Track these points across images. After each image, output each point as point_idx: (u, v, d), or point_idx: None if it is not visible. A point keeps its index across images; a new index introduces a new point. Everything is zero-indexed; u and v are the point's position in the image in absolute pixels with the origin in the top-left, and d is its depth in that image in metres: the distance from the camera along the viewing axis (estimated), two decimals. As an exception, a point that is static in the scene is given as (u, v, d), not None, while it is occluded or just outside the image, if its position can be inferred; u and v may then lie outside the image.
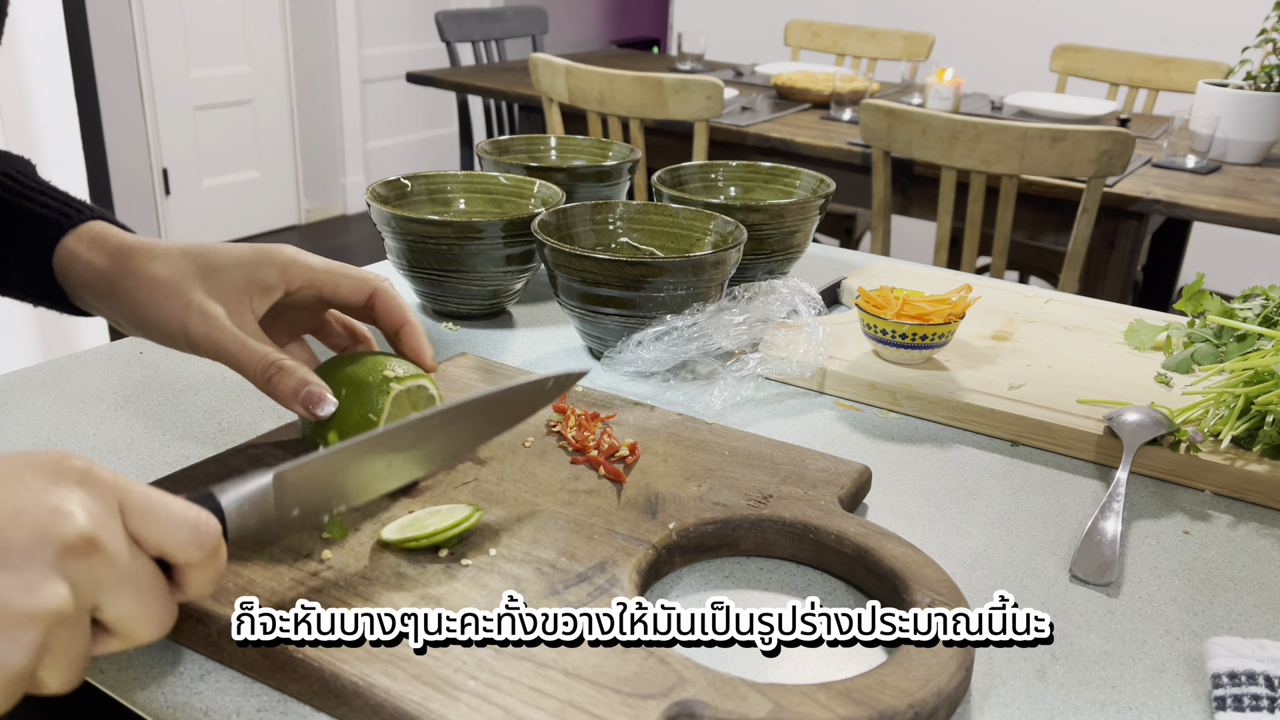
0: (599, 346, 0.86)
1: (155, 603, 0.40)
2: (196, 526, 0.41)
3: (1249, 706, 0.48)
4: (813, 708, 0.44)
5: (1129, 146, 1.72)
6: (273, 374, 0.57)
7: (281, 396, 0.57)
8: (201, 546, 0.41)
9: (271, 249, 0.61)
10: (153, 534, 0.40)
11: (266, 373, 0.57)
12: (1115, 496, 0.65)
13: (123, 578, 0.39)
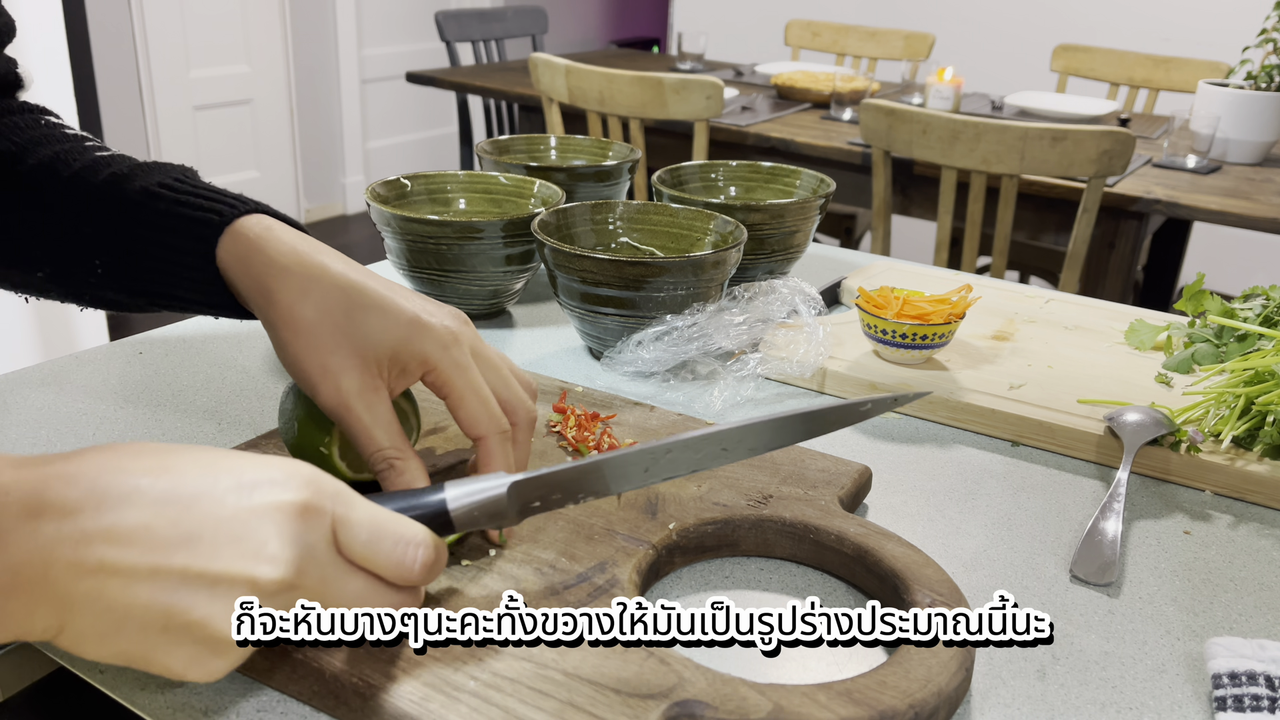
0: (599, 346, 0.86)
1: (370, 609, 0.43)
2: (402, 563, 0.43)
3: (1249, 707, 0.48)
4: (813, 708, 0.44)
5: (1129, 146, 1.72)
6: (383, 469, 0.54)
7: (388, 484, 0.55)
8: (408, 578, 0.44)
9: (427, 326, 0.55)
10: (365, 562, 0.43)
11: (377, 465, 0.54)
12: (1116, 497, 0.65)
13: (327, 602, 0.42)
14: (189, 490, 0.40)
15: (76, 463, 0.40)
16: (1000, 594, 0.46)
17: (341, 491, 0.43)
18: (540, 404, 0.73)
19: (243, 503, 0.40)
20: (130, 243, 0.61)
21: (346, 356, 0.54)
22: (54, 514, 0.38)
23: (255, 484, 0.41)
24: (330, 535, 0.42)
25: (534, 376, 0.77)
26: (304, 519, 0.41)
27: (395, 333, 0.55)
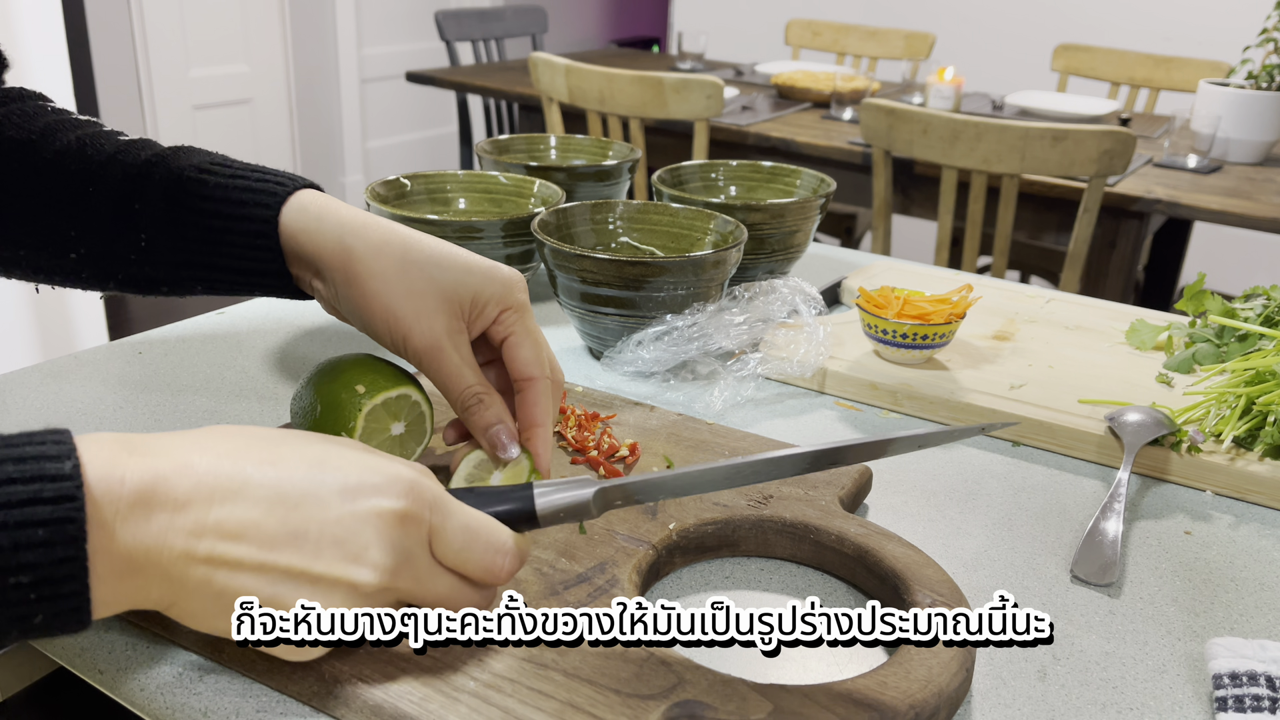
0: (599, 346, 0.85)
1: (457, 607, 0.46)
2: (491, 568, 0.46)
3: (1250, 707, 0.48)
4: (813, 708, 0.44)
5: (1130, 146, 1.72)
6: (472, 404, 0.57)
7: (474, 427, 0.58)
8: (495, 581, 0.47)
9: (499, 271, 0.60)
10: (457, 567, 0.46)
11: (466, 401, 0.57)
12: (1116, 497, 0.65)
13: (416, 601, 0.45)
14: (297, 489, 0.42)
15: (190, 450, 0.42)
16: (1000, 594, 0.46)
17: (439, 499, 0.45)
18: (540, 404, 0.73)
19: (347, 507, 0.43)
20: (185, 214, 0.62)
21: (435, 300, 0.57)
22: (168, 506, 0.40)
23: (360, 488, 0.43)
24: (426, 541, 0.44)
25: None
26: (403, 526, 0.43)
27: (475, 278, 0.58)
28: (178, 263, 0.64)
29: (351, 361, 0.61)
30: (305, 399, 0.60)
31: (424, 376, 0.61)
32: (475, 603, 0.46)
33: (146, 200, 0.63)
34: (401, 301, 0.57)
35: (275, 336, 0.89)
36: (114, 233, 0.63)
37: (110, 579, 0.39)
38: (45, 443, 0.38)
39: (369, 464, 0.44)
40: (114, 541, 0.39)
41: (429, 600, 0.45)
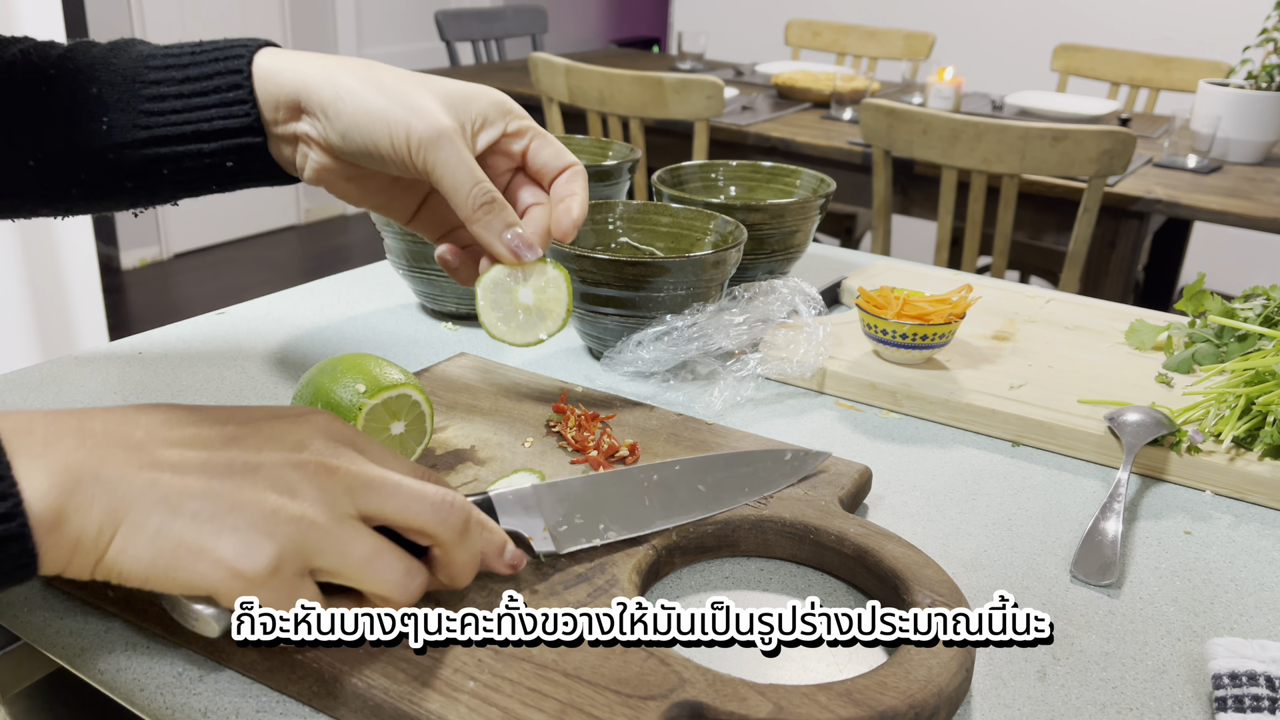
0: (599, 346, 0.86)
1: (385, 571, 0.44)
2: (439, 502, 0.45)
3: (1250, 707, 0.48)
4: (813, 708, 0.44)
5: (1130, 146, 1.72)
6: (484, 203, 0.55)
7: (487, 233, 0.56)
8: (447, 521, 0.46)
9: (492, 89, 0.59)
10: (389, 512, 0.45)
11: (478, 200, 0.55)
12: (1116, 497, 0.65)
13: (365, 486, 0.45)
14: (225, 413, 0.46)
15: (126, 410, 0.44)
16: (1000, 594, 0.46)
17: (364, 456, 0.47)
18: (540, 404, 0.73)
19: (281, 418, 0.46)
20: (151, 86, 0.59)
21: (437, 101, 0.56)
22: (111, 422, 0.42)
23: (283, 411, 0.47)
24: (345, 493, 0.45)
25: (532, 376, 0.78)
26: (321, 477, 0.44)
27: (471, 92, 0.57)
28: (142, 141, 0.59)
29: (351, 361, 0.61)
30: (304, 399, 0.60)
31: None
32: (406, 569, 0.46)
33: (102, 84, 0.59)
34: (402, 99, 0.55)
35: (275, 336, 0.89)
36: (73, 123, 0.59)
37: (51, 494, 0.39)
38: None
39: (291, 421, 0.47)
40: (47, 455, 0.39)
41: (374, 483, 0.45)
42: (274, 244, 4.08)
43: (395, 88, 0.56)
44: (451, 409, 0.71)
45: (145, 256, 3.73)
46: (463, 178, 0.55)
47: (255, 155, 0.59)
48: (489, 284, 0.59)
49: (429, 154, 0.54)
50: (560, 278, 0.59)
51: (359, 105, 0.55)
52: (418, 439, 0.61)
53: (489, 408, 0.72)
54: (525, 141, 0.59)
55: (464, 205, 0.55)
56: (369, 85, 0.56)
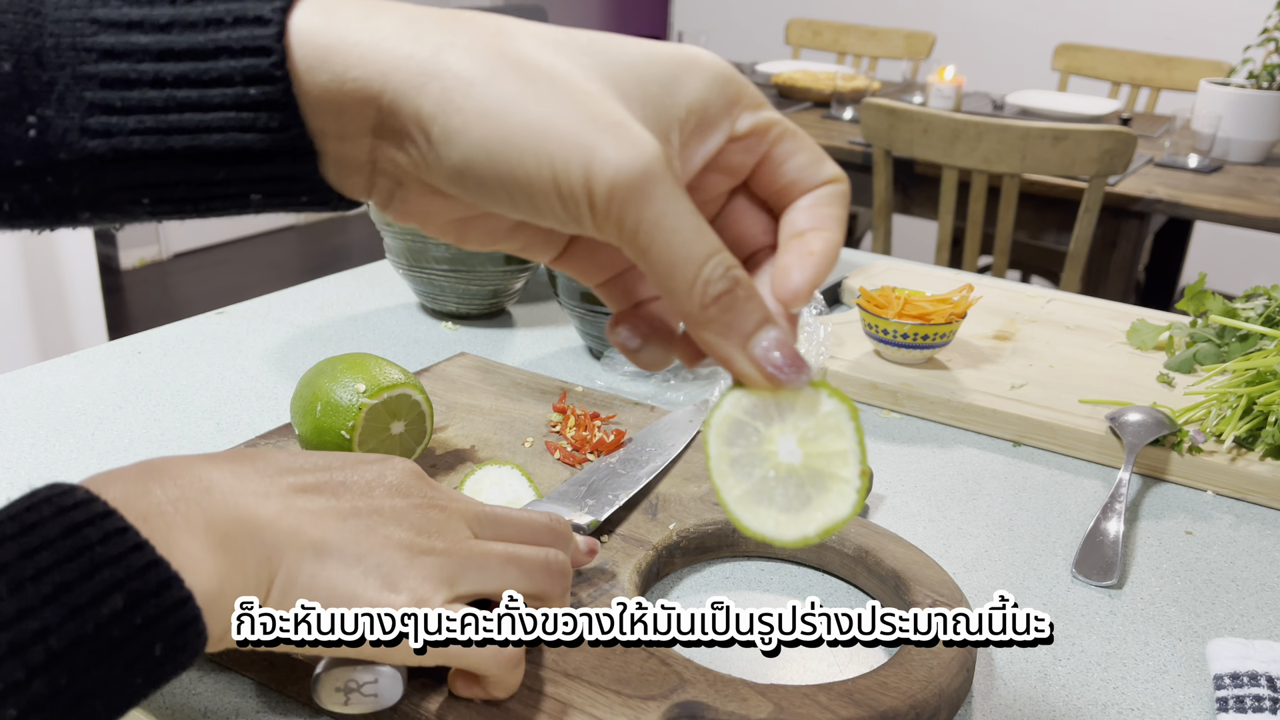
0: (599, 346, 0.85)
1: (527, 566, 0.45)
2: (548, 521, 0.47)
3: (1251, 708, 0.48)
4: (814, 709, 0.44)
5: (1131, 146, 1.72)
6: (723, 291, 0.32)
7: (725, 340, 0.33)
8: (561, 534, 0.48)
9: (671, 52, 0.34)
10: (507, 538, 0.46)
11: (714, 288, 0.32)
12: (1117, 497, 0.65)
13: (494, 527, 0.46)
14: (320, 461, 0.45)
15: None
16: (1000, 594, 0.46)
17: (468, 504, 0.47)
18: (540, 404, 0.73)
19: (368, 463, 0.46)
20: (99, 61, 0.32)
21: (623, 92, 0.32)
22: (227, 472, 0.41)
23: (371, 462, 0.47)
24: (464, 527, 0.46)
25: (532, 376, 0.77)
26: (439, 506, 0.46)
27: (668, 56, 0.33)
28: (100, 159, 0.32)
29: (351, 360, 0.61)
30: (305, 398, 0.60)
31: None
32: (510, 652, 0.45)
33: (36, 59, 0.32)
34: (569, 100, 0.31)
35: (275, 336, 0.89)
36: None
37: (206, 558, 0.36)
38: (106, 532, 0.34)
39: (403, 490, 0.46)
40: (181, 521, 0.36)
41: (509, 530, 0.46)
42: (274, 244, 4.08)
43: (550, 74, 0.31)
44: (451, 409, 0.71)
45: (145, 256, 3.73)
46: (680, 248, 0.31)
47: (297, 184, 0.34)
48: (726, 427, 0.35)
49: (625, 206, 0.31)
50: (843, 413, 0.34)
51: (493, 119, 0.31)
52: (418, 439, 0.61)
53: (489, 408, 0.72)
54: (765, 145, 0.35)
55: (686, 295, 0.32)
56: (505, 75, 0.31)
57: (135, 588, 0.32)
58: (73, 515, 0.33)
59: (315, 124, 0.33)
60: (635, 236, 0.31)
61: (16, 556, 0.31)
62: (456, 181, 0.32)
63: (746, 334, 0.33)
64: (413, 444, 0.61)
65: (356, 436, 0.58)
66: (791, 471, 0.35)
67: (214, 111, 0.32)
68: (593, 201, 0.31)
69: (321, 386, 0.59)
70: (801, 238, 0.35)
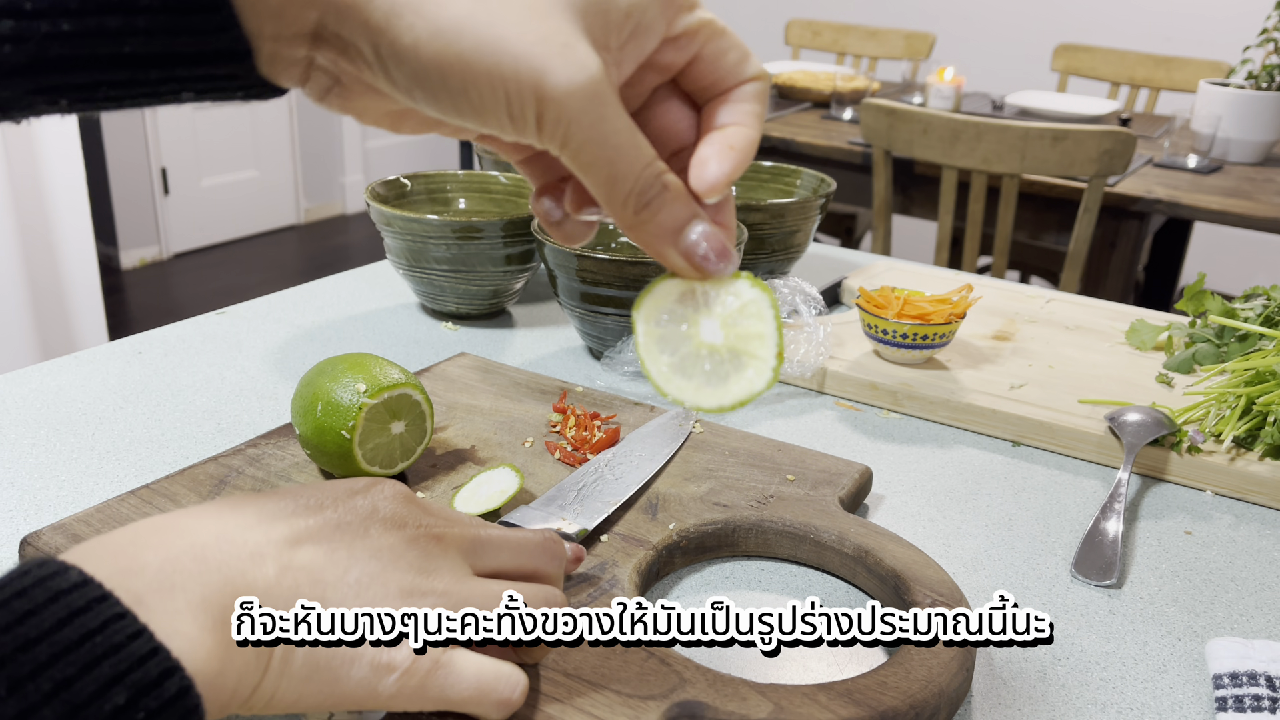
0: (599, 346, 0.85)
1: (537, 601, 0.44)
2: (544, 542, 0.46)
3: (1250, 707, 0.48)
4: (813, 708, 0.44)
5: (1130, 146, 1.72)
6: (655, 191, 0.35)
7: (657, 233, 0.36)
8: (555, 554, 0.47)
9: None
10: (504, 563, 0.45)
11: (647, 185, 0.35)
12: (1116, 497, 0.65)
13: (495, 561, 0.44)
14: (312, 497, 0.43)
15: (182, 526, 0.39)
16: (1000, 594, 0.46)
17: (465, 530, 0.45)
18: (540, 404, 0.73)
19: (360, 493, 0.44)
20: None
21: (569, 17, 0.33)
22: (214, 532, 0.38)
23: (363, 490, 0.45)
24: (462, 564, 0.45)
25: (532, 376, 0.77)
26: (441, 539, 0.44)
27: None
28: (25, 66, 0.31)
29: (351, 360, 0.61)
30: (305, 398, 0.60)
31: None
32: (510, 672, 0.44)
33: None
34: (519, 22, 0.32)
35: (275, 336, 0.89)
36: None
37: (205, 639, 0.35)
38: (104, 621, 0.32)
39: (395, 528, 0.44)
40: (177, 594, 0.35)
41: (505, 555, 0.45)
42: (274, 244, 4.08)
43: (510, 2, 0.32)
44: (451, 409, 0.71)
45: (145, 256, 3.73)
46: (621, 159, 0.34)
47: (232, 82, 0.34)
48: (654, 310, 0.39)
49: (570, 124, 0.33)
50: (763, 300, 0.38)
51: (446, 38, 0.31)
52: (418, 439, 0.61)
53: (489, 408, 0.72)
54: (697, 45, 0.36)
55: (622, 205, 0.35)
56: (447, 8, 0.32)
57: (136, 679, 0.31)
58: (69, 600, 0.32)
59: (251, 25, 0.32)
60: (578, 153, 0.34)
61: (13, 650, 0.30)
62: (404, 93, 0.33)
63: (676, 230, 0.36)
64: (413, 444, 0.61)
65: (357, 436, 0.58)
66: (714, 350, 0.39)
67: (141, 15, 0.30)
68: (540, 119, 0.33)
69: (322, 386, 0.59)
70: (722, 131, 0.37)
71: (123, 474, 0.66)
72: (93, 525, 0.55)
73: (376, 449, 0.59)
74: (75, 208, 2.23)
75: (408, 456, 0.61)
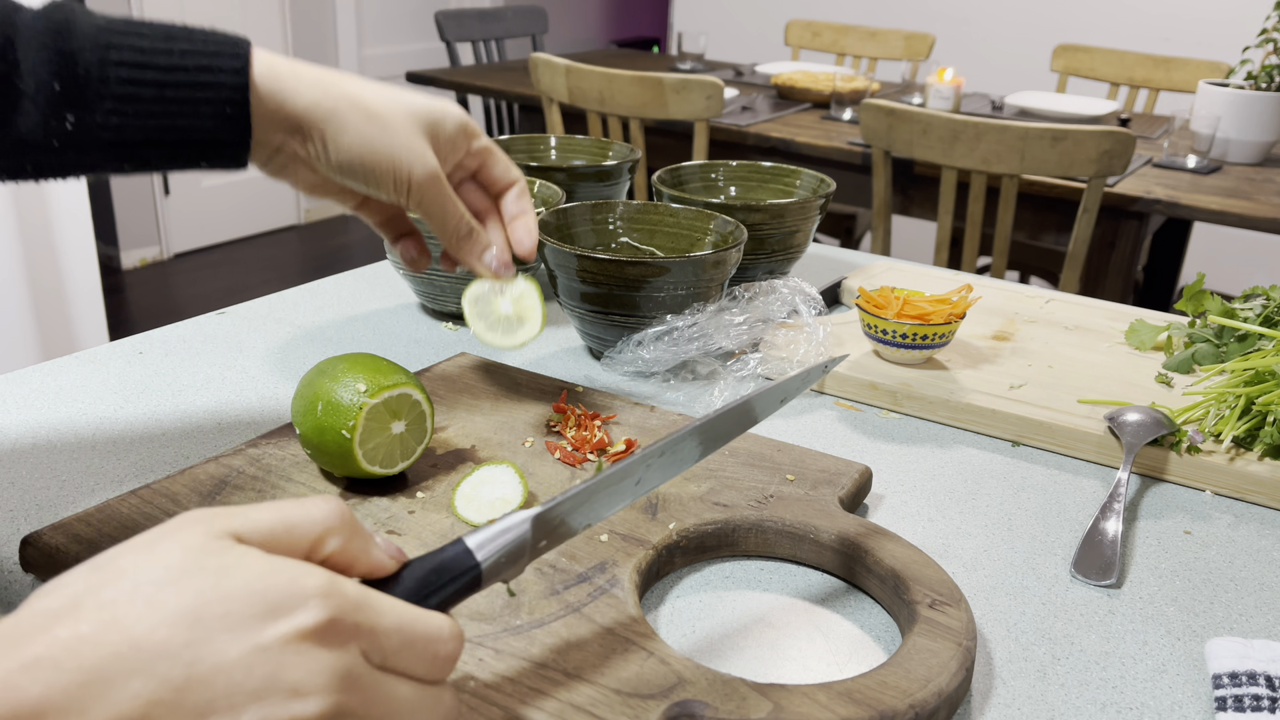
0: (599, 346, 0.86)
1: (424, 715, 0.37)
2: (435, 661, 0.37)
3: (1250, 707, 0.48)
4: (813, 708, 0.44)
5: (1129, 146, 1.72)
6: (465, 233, 0.62)
7: (469, 256, 0.63)
8: (446, 660, 0.38)
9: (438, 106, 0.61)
10: (400, 669, 0.37)
11: (462, 233, 0.61)
12: (1116, 497, 0.65)
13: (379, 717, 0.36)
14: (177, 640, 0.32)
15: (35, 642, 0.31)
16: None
17: (363, 598, 0.36)
18: (540, 404, 0.73)
19: (250, 643, 0.33)
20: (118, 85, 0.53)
21: (425, 137, 0.60)
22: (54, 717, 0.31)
23: (257, 616, 0.33)
24: (359, 650, 0.35)
25: (532, 376, 0.78)
26: (330, 639, 0.34)
27: (439, 114, 0.61)
28: (105, 143, 0.54)
29: (352, 360, 0.61)
30: (305, 398, 0.60)
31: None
32: (435, 701, 0.37)
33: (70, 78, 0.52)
34: (400, 142, 0.58)
35: (275, 336, 0.89)
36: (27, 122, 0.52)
37: None
38: None
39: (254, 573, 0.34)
40: None
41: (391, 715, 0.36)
42: (274, 244, 4.08)
43: (388, 121, 0.58)
44: (452, 409, 0.71)
45: (145, 256, 3.73)
46: (452, 214, 0.61)
47: (233, 161, 0.57)
48: (473, 299, 0.68)
49: (424, 195, 0.60)
50: (532, 289, 0.68)
51: (363, 144, 0.58)
52: (418, 438, 0.61)
53: (489, 407, 0.72)
54: (480, 160, 0.65)
55: (449, 237, 0.62)
56: (370, 120, 0.58)
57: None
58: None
59: (256, 134, 0.57)
60: (427, 211, 0.61)
61: None
62: (335, 170, 0.59)
63: (479, 254, 0.64)
64: (413, 444, 0.61)
65: (357, 436, 0.58)
66: (507, 317, 0.68)
67: (200, 118, 0.55)
68: (409, 192, 0.60)
69: (322, 386, 0.59)
70: (516, 219, 0.66)
71: (123, 474, 0.66)
72: (93, 525, 0.55)
73: (377, 448, 0.59)
74: (76, 208, 2.23)
75: (408, 456, 0.61)
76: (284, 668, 0.33)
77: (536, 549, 0.43)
